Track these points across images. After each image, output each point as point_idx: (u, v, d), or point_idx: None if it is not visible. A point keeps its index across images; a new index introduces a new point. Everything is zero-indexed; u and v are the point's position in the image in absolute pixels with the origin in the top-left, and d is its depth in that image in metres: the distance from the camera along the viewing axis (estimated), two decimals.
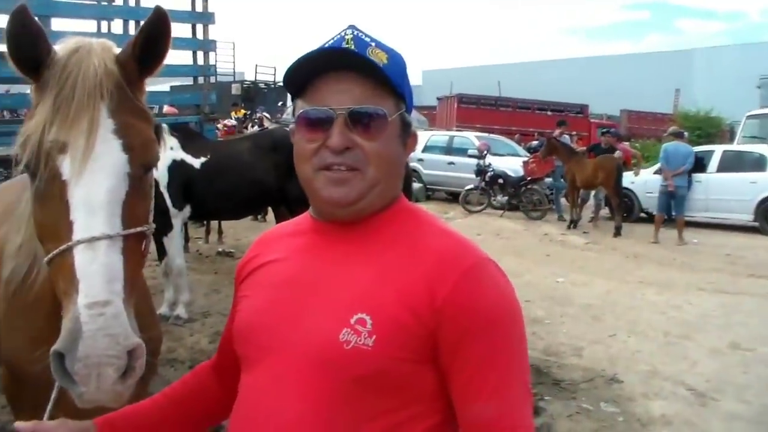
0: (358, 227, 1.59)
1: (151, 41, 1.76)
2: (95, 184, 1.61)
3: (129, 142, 1.69)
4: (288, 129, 1.71)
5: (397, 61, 1.58)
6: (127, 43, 1.80)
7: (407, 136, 1.63)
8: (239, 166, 7.60)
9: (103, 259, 1.55)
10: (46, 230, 1.69)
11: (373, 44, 1.56)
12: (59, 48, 1.73)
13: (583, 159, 16.62)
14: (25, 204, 2.21)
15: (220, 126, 13.67)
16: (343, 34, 1.56)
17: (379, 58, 1.53)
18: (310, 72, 1.55)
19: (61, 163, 1.63)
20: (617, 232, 15.71)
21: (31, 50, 1.69)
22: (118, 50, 1.80)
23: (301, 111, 1.57)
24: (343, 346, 1.44)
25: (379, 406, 1.46)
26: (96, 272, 1.53)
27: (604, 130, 18.97)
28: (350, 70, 1.52)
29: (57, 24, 7.17)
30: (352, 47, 1.53)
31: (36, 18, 1.67)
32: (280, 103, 31.69)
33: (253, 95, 33.52)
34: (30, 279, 2.16)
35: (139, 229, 1.69)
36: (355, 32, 1.57)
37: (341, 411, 1.45)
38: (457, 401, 1.48)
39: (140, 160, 1.72)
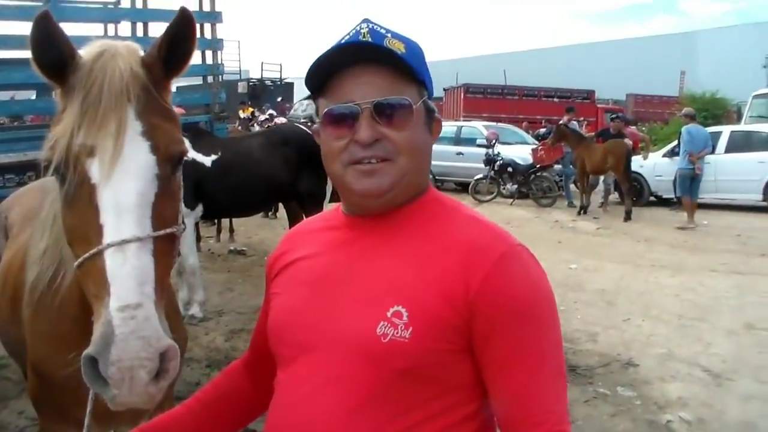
0: (390, 219, 1.59)
1: (175, 42, 1.77)
2: (124, 187, 1.61)
3: (157, 143, 1.69)
4: (297, 124, 1.71)
5: (414, 50, 1.59)
6: (153, 44, 1.80)
7: (432, 122, 1.63)
8: (250, 163, 7.61)
9: (133, 262, 1.55)
10: (75, 234, 1.69)
11: (389, 35, 1.55)
12: (84, 52, 1.74)
13: (592, 145, 16.58)
14: (48, 208, 2.22)
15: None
16: (358, 28, 1.56)
17: (397, 47, 1.53)
18: (329, 69, 1.55)
19: (90, 166, 1.63)
20: (627, 217, 15.68)
21: (56, 55, 1.69)
22: (142, 53, 1.80)
23: (326, 110, 1.56)
24: (380, 340, 1.45)
25: (418, 397, 1.47)
26: (127, 275, 1.53)
27: (614, 115, 18.87)
28: (370, 62, 1.52)
29: (64, 29, 7.19)
30: (369, 40, 1.52)
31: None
32: (279, 99, 31.71)
33: (260, 93, 33.45)
34: (56, 284, 2.16)
35: (169, 230, 1.68)
36: (371, 25, 1.57)
37: (381, 403, 1.46)
38: (491, 390, 1.49)
39: (168, 161, 1.72)
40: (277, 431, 1.60)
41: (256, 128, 18.12)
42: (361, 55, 1.52)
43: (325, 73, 1.56)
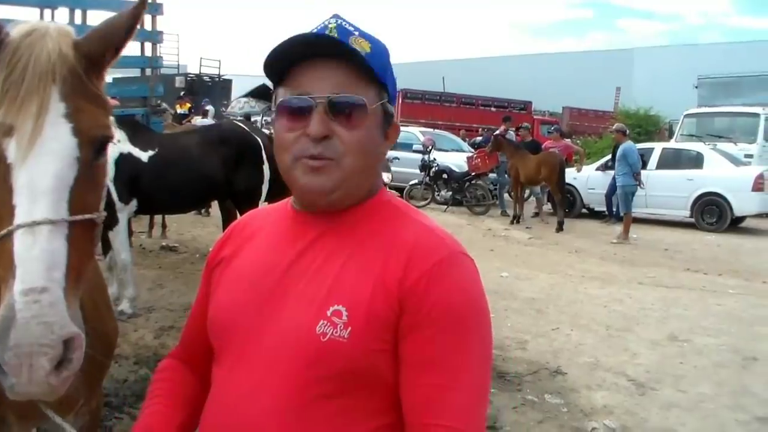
0: (339, 218, 1.58)
1: (120, 30, 1.73)
2: (40, 168, 1.53)
3: (80, 126, 1.61)
4: (235, 122, 1.69)
5: (380, 51, 1.58)
6: (95, 29, 1.75)
7: (389, 127, 1.62)
8: (187, 160, 7.53)
9: (43, 245, 1.47)
10: None
11: (357, 33, 1.55)
12: (13, 31, 1.66)
13: (526, 155, 16.80)
14: None
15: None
16: (326, 23, 1.56)
17: (362, 46, 1.52)
18: (291, 59, 1.53)
19: (7, 146, 1.55)
20: (559, 228, 15.93)
21: None
22: (74, 36, 1.72)
23: (281, 100, 1.54)
24: (320, 339, 1.44)
25: (357, 396, 1.46)
26: (35, 258, 1.45)
27: (521, 125, 19.35)
28: (332, 57, 1.51)
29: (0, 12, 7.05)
30: (336, 36, 1.52)
31: None
32: (225, 102, 31.46)
33: (197, 88, 33.05)
34: None
35: (87, 216, 1.61)
36: (339, 21, 1.56)
37: (319, 402, 1.45)
38: (403, 388, 1.47)
39: (91, 145, 1.65)
40: (213, 429, 1.58)
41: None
42: (324, 49, 1.51)
43: (287, 63, 1.54)
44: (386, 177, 12.63)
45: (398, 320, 1.45)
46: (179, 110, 22.22)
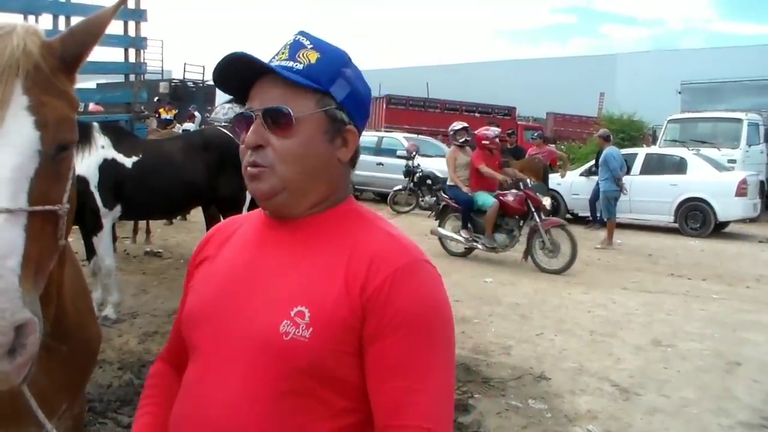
0: (306, 224, 1.65)
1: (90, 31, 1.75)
2: (0, 160, 1.54)
3: (43, 119, 1.61)
4: (219, 128, 1.74)
5: (330, 60, 1.64)
6: (81, 30, 1.77)
7: (339, 132, 1.65)
8: (171, 166, 7.55)
9: None
10: None
11: (310, 47, 1.63)
12: None
13: (509, 161, 16.83)
14: None
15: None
16: (288, 40, 1.66)
17: (307, 59, 1.61)
18: (248, 78, 1.64)
19: None
20: None
21: None
22: (43, 36, 1.73)
23: (235, 114, 1.65)
24: (282, 338, 1.49)
25: (319, 398, 1.50)
26: None
27: (510, 130, 19.49)
28: (271, 73, 1.60)
29: None
30: (286, 52, 1.62)
31: None
32: (209, 108, 31.37)
33: (182, 94, 33.05)
34: None
35: (47, 207, 1.62)
36: (298, 38, 1.66)
37: (280, 401, 1.49)
38: (370, 393, 1.51)
39: (54, 138, 1.64)
40: (179, 424, 1.62)
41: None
42: (262, 68, 1.61)
43: (242, 81, 1.65)
44: (546, 201, 12.34)
45: (362, 326, 1.50)
46: (164, 116, 22.17)
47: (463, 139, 13.25)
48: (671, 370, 6.78)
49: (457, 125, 13.63)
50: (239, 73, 1.63)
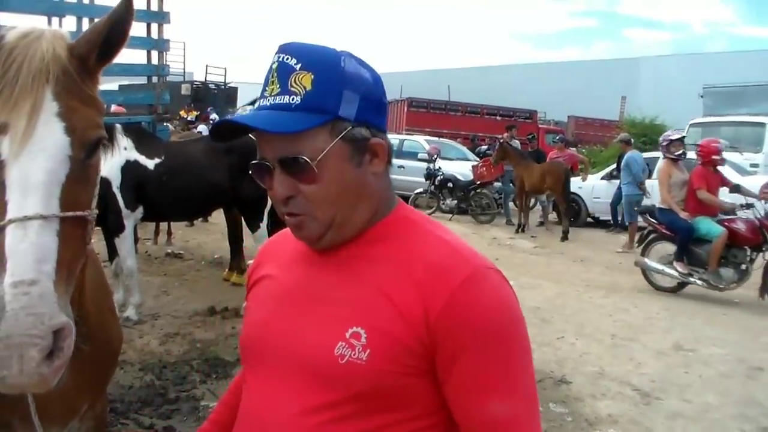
0: (354, 242, 1.58)
1: (114, 32, 1.75)
2: (32, 165, 1.57)
3: (72, 125, 1.66)
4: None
5: (326, 75, 1.49)
6: (90, 29, 1.78)
7: (363, 152, 1.54)
8: (193, 168, 7.58)
9: (33, 239, 1.50)
10: None
11: (299, 66, 1.48)
12: (9, 34, 1.70)
13: (531, 164, 16.79)
14: None
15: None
16: (272, 62, 1.52)
17: (302, 85, 1.47)
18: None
19: (0, 143, 1.59)
20: (564, 237, 15.91)
21: None
22: (69, 40, 1.76)
23: (251, 164, 1.57)
24: (338, 361, 1.43)
25: (379, 420, 1.45)
26: (25, 251, 1.48)
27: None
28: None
29: (8, 20, 7.11)
30: (276, 82, 1.49)
31: None
32: (231, 110, 31.48)
33: (203, 96, 33.16)
34: None
35: (78, 213, 1.65)
36: (281, 57, 1.50)
37: (341, 426, 1.44)
38: (458, 416, 1.47)
39: (83, 143, 1.69)
40: None
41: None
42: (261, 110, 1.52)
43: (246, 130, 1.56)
44: None
45: (431, 348, 1.44)
46: (186, 117, 22.31)
47: (679, 152, 11.13)
48: (693, 375, 6.74)
49: (673, 134, 11.73)
50: (233, 127, 1.56)
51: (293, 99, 1.47)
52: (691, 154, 18.70)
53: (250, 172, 1.57)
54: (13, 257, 1.47)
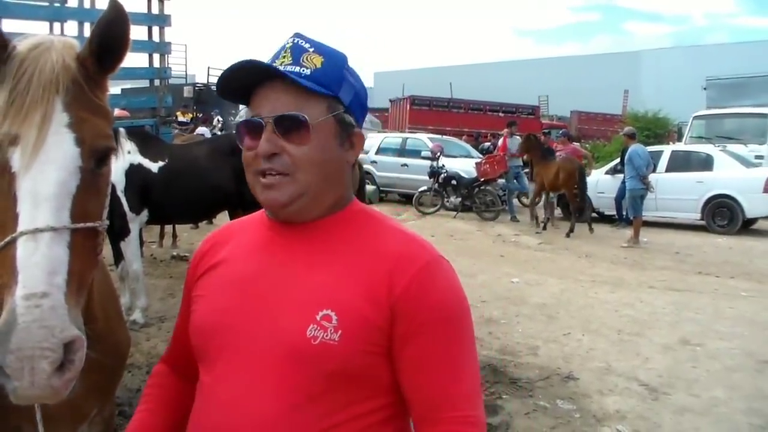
0: (319, 227, 1.66)
1: (108, 37, 1.74)
2: (43, 176, 1.57)
3: (83, 136, 1.66)
4: None
5: (334, 63, 1.65)
6: (88, 39, 1.78)
7: (348, 136, 1.68)
8: (197, 171, 7.57)
9: (44, 251, 1.51)
10: None
11: (312, 50, 1.63)
12: (20, 44, 1.70)
13: (550, 162, 16.62)
14: None
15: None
16: (285, 43, 1.65)
17: (313, 63, 1.60)
18: (250, 82, 1.63)
19: (12, 155, 1.59)
20: (570, 232, 15.91)
21: None
22: (78, 48, 1.77)
23: (239, 121, 1.65)
24: (311, 342, 1.50)
25: (347, 398, 1.53)
26: (36, 264, 1.48)
27: (545, 131, 19.31)
28: (280, 79, 1.59)
29: (9, 26, 7.13)
30: (289, 56, 1.61)
31: None
32: (233, 111, 31.49)
33: (206, 98, 33.19)
34: None
35: (89, 224, 1.65)
36: (296, 40, 1.65)
37: (309, 404, 1.51)
38: (407, 390, 1.57)
39: (94, 154, 1.69)
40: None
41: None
42: (270, 73, 1.60)
43: (245, 86, 1.65)
44: None
45: (391, 327, 1.54)
46: (181, 118, 22.33)
47: None
48: (700, 370, 6.73)
49: None
50: (240, 80, 1.63)
51: (303, 70, 1.59)
52: (699, 147, 18.88)
53: (234, 131, 1.62)
54: (24, 270, 1.48)
